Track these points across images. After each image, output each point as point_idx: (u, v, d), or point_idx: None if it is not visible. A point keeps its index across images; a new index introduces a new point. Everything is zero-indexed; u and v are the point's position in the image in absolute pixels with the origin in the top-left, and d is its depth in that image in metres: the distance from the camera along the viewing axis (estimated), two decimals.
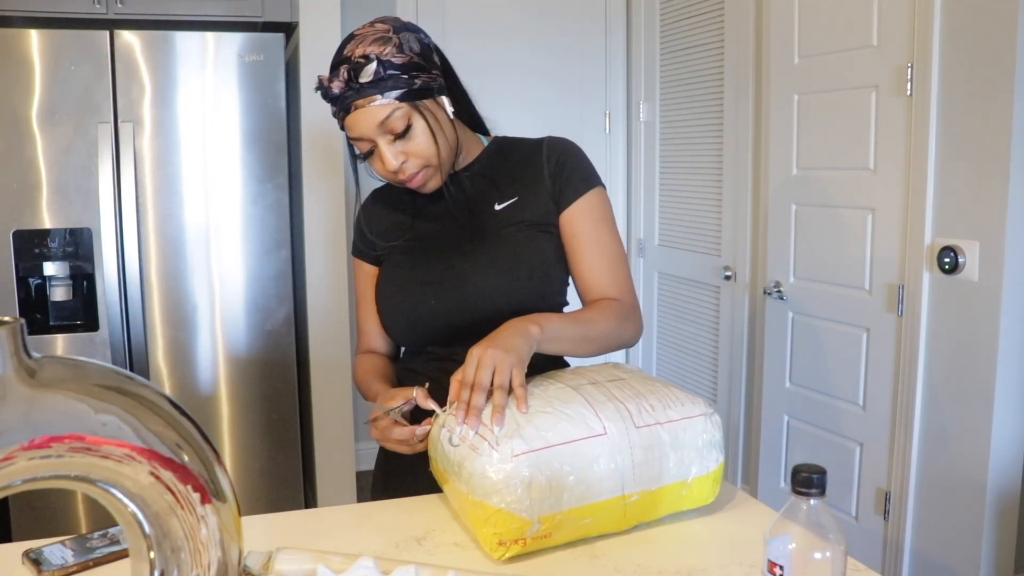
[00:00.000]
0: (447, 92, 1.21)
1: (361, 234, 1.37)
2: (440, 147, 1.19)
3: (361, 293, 1.37)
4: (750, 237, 2.82)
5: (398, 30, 1.17)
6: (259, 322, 2.70)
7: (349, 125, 1.17)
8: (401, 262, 1.29)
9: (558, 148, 1.29)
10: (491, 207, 1.27)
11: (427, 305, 1.24)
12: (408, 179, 1.20)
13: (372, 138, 1.17)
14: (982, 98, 1.94)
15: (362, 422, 3.39)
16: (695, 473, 1.02)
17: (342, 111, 1.17)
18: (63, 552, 0.97)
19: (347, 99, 1.15)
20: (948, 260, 2.03)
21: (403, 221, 1.32)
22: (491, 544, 0.94)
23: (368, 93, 1.14)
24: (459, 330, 1.23)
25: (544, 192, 1.26)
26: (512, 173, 1.29)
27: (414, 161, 1.19)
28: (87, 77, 2.47)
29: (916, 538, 2.20)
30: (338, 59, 1.17)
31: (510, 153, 1.31)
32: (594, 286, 1.25)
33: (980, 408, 1.99)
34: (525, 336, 1.06)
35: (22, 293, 2.50)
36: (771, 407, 2.72)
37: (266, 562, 0.87)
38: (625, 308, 1.23)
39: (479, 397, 0.99)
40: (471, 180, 1.29)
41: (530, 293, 1.23)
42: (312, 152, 2.76)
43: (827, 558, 0.71)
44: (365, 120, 1.15)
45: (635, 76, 3.49)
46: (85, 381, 0.54)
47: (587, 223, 1.25)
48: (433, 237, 1.29)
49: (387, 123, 1.15)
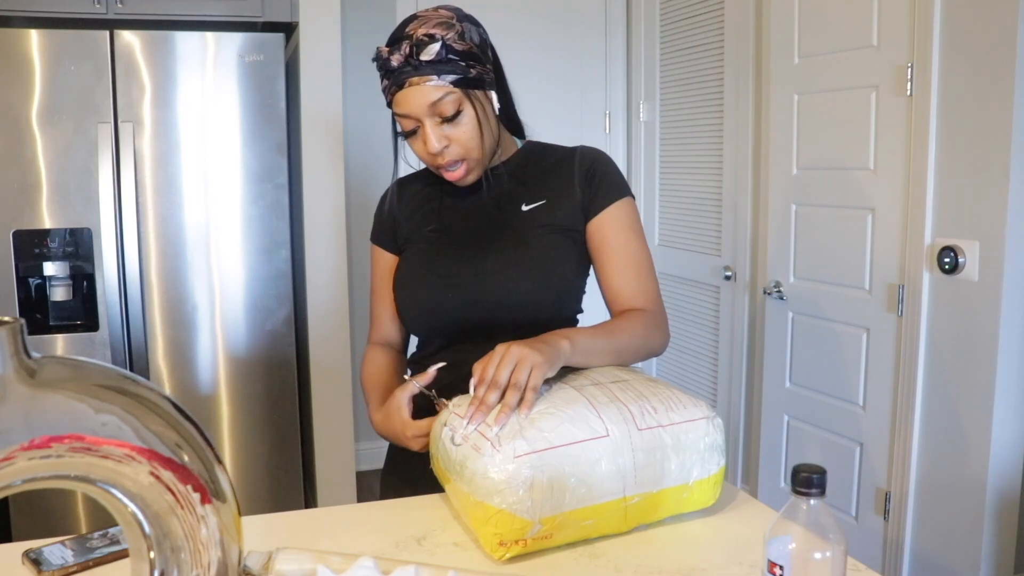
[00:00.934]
0: (496, 88, 1.23)
1: (383, 221, 1.36)
2: (484, 139, 1.20)
3: (378, 281, 1.37)
4: (750, 237, 2.83)
5: (461, 19, 1.19)
6: (259, 322, 2.70)
7: (399, 100, 1.17)
8: (423, 252, 1.29)
9: (590, 157, 1.30)
10: (519, 207, 1.27)
11: (445, 298, 1.24)
12: (447, 165, 1.20)
13: (420, 117, 1.17)
14: (982, 98, 1.94)
15: (362, 422, 3.39)
16: (696, 476, 1.02)
17: (395, 86, 1.17)
18: (63, 552, 0.97)
19: (404, 74, 1.15)
20: (948, 260, 2.02)
21: (429, 212, 1.32)
22: (492, 544, 0.93)
23: (426, 72, 1.14)
24: (475, 326, 1.23)
25: (573, 199, 1.26)
26: (543, 177, 1.29)
27: (455, 148, 1.19)
28: (87, 77, 2.47)
29: (916, 538, 2.20)
30: (399, 35, 1.17)
31: (542, 157, 1.32)
32: (622, 295, 1.25)
33: (980, 408, 1.99)
34: (556, 348, 1.06)
35: (22, 293, 2.50)
36: (771, 407, 2.72)
37: (266, 562, 0.87)
38: (654, 318, 1.24)
39: (492, 395, 0.99)
40: (506, 177, 1.29)
41: (549, 297, 1.23)
42: (312, 153, 2.76)
43: (827, 558, 0.71)
44: (418, 98, 1.15)
45: (635, 76, 3.49)
46: (85, 381, 0.53)
47: (616, 232, 1.26)
48: (458, 231, 1.29)
49: (438, 105, 1.16)
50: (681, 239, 3.25)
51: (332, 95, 2.76)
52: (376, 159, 3.41)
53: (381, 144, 3.47)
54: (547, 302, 1.23)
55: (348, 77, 3.32)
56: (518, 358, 1.00)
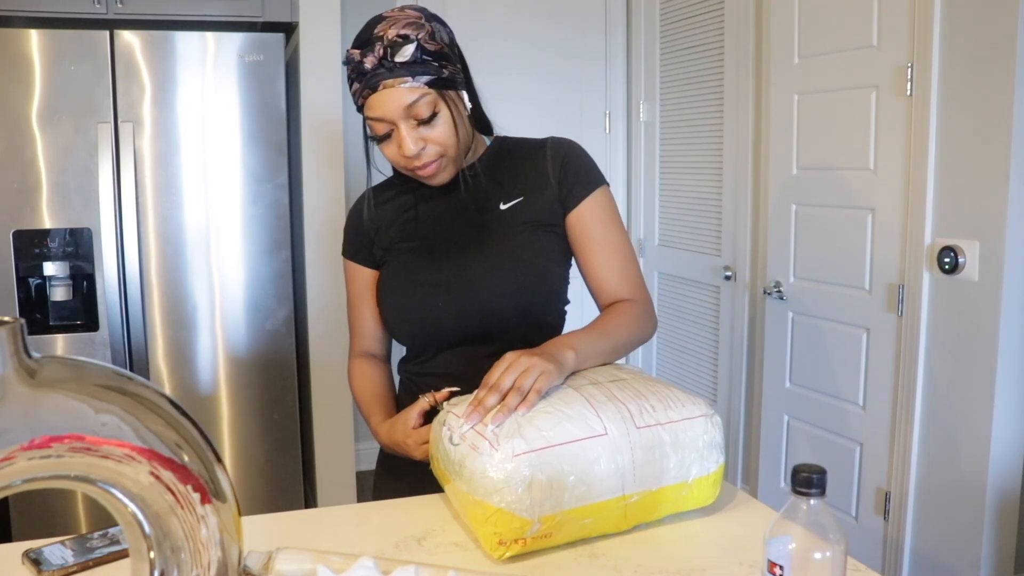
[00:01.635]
0: (464, 88, 1.22)
1: (356, 236, 1.34)
2: (460, 138, 1.19)
3: (355, 296, 1.35)
4: (750, 237, 2.83)
5: (429, 19, 1.17)
6: (259, 322, 2.70)
7: (373, 104, 1.15)
8: (406, 263, 1.27)
9: (563, 148, 1.28)
10: (497, 206, 1.26)
11: (435, 307, 1.23)
12: (423, 166, 1.18)
13: (394, 120, 1.15)
14: (982, 98, 1.94)
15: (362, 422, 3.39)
16: (696, 474, 1.02)
17: (368, 89, 1.14)
18: (63, 552, 0.97)
19: (377, 77, 1.13)
20: (948, 260, 2.02)
21: (407, 221, 1.31)
22: (491, 544, 0.94)
23: (400, 74, 1.12)
24: (467, 331, 1.23)
25: (550, 193, 1.25)
26: (516, 173, 1.28)
27: (432, 148, 1.17)
28: (87, 77, 2.47)
29: (916, 538, 2.20)
30: (368, 36, 1.14)
31: (513, 153, 1.31)
32: (608, 286, 1.25)
33: (980, 408, 1.99)
34: (562, 360, 1.06)
35: (22, 293, 2.50)
36: (771, 407, 2.72)
37: (266, 562, 0.87)
38: (643, 308, 1.24)
39: (491, 398, 0.99)
40: (479, 176, 1.28)
41: (538, 294, 1.23)
42: (312, 152, 2.76)
43: (827, 558, 0.71)
44: (392, 101, 1.13)
45: (635, 76, 3.49)
46: (85, 381, 0.54)
47: (596, 223, 1.25)
48: (437, 237, 1.27)
49: (414, 107, 1.13)
50: (681, 239, 3.25)
51: (332, 95, 2.76)
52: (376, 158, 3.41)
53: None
54: (537, 300, 1.23)
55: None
56: (526, 367, 1.01)
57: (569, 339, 1.12)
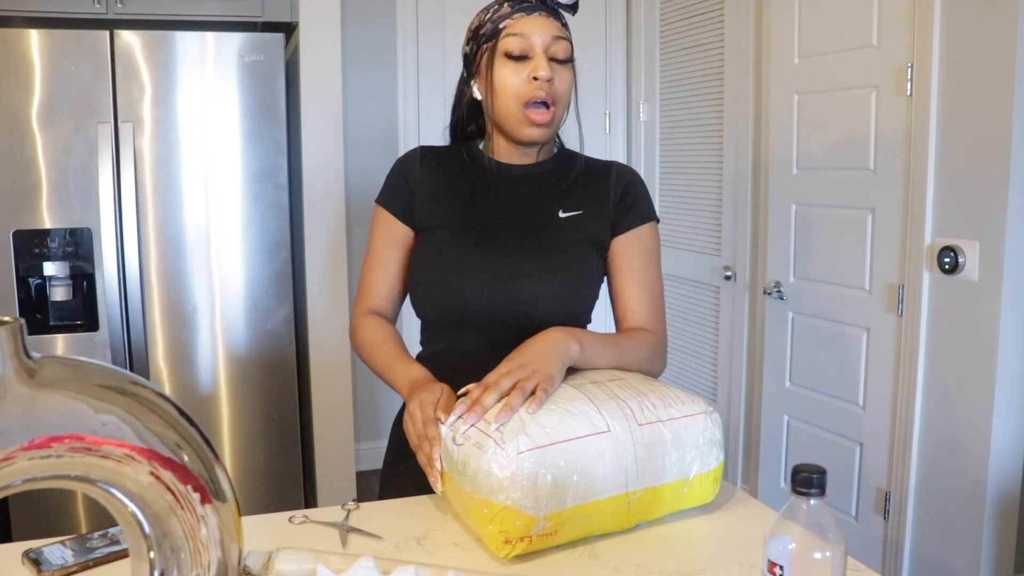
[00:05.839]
0: None
1: (400, 188, 1.30)
2: (567, 105, 1.25)
3: (380, 247, 1.30)
4: (750, 237, 2.83)
5: None
6: (259, 322, 2.70)
7: (522, 24, 1.20)
8: (454, 238, 1.25)
9: (627, 176, 1.33)
10: (556, 213, 1.28)
11: (473, 291, 1.22)
12: (545, 98, 1.20)
13: (537, 47, 1.20)
14: (982, 98, 1.94)
15: (362, 422, 3.39)
16: (696, 471, 1.03)
17: (522, 11, 1.20)
18: (63, 552, 0.97)
19: (535, 8, 1.21)
20: (948, 260, 2.03)
21: (460, 194, 1.29)
22: (496, 542, 0.93)
23: (556, 16, 1.22)
24: (499, 322, 1.22)
25: (606, 213, 1.29)
26: (580, 186, 1.30)
27: (555, 90, 1.21)
28: (87, 77, 2.47)
29: (916, 538, 2.20)
30: None
31: (580, 166, 1.32)
32: (633, 314, 1.28)
33: (980, 408, 1.99)
34: (564, 356, 1.07)
35: (22, 293, 2.50)
36: (771, 407, 2.72)
37: (266, 562, 0.87)
38: (659, 343, 1.27)
39: (489, 398, 0.99)
40: (544, 177, 1.30)
41: (577, 306, 1.26)
42: (312, 153, 2.76)
43: (827, 558, 0.71)
44: (544, 26, 1.20)
45: (635, 76, 3.49)
46: (85, 381, 0.54)
47: (638, 253, 1.29)
48: (491, 224, 1.26)
49: (559, 42, 1.21)
50: (681, 239, 3.25)
51: (332, 95, 2.76)
52: (376, 159, 3.41)
53: (381, 144, 3.47)
54: (573, 312, 1.25)
55: (348, 77, 3.32)
56: (530, 371, 1.01)
57: (578, 333, 1.12)
